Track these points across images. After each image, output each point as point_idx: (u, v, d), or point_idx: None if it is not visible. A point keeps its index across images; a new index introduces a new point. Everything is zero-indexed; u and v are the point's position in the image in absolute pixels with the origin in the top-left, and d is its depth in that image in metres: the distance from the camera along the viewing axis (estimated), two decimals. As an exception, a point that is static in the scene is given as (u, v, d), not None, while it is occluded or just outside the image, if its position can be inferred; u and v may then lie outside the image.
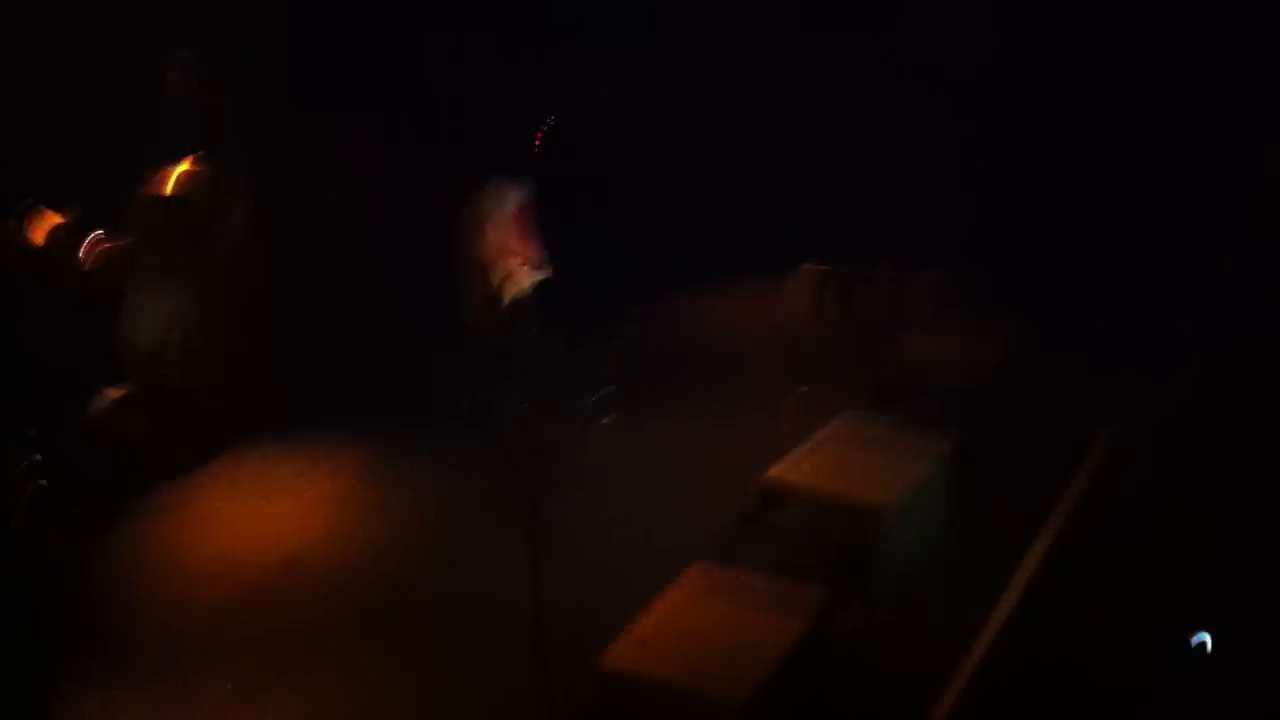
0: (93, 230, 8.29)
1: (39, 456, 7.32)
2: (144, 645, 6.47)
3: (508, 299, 8.33)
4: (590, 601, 6.16)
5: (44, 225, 7.99)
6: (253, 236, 9.23)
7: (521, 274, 8.38)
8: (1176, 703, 5.72)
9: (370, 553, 7.27)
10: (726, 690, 5.27)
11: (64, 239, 8.08)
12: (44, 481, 7.32)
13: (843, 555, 6.61)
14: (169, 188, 8.69)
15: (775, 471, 7.09)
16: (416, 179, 10.01)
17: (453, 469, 8.12)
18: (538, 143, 11.00)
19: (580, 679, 5.45)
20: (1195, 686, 5.84)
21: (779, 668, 5.41)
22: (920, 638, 6.24)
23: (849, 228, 10.51)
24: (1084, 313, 8.94)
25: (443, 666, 6.27)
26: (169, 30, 8.82)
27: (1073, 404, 8.16)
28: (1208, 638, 5.96)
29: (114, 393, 8.09)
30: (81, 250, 8.44)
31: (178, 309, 8.62)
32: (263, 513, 7.68)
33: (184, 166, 8.74)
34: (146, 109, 8.80)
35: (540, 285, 8.42)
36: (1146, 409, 7.84)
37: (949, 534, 7.09)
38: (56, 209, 8.10)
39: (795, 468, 7.10)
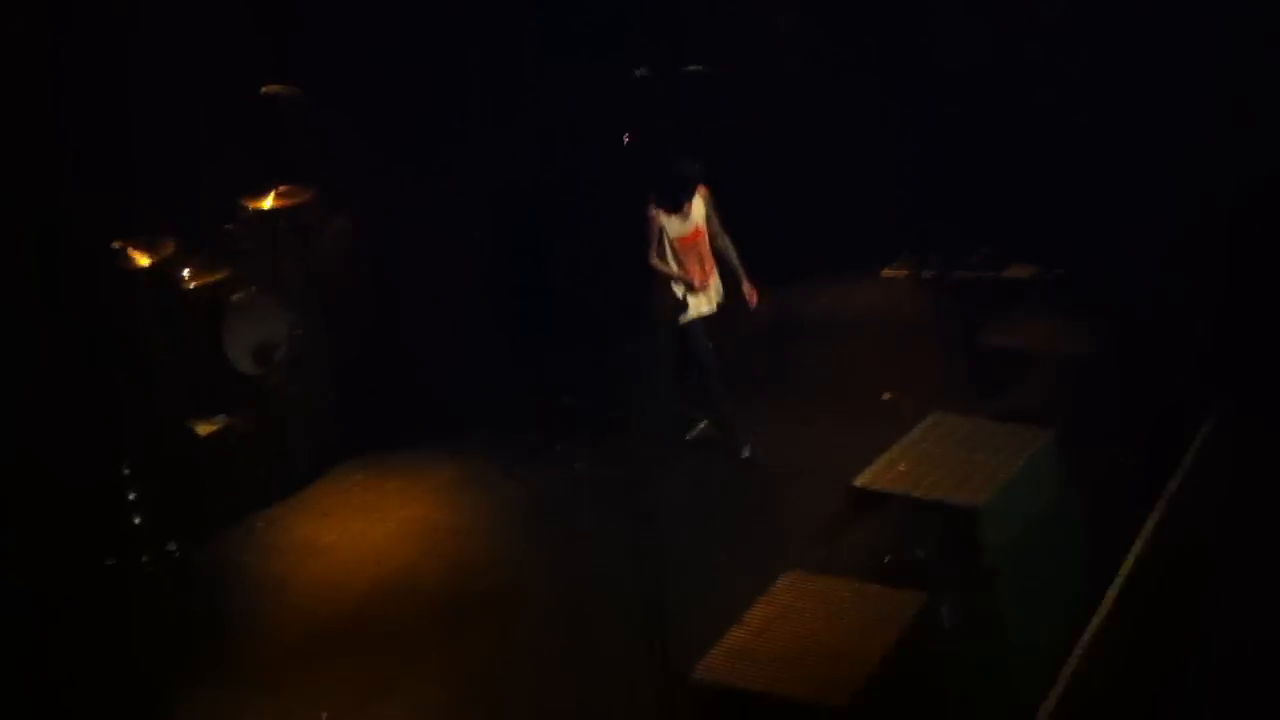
0: (194, 255, 8.49)
1: (132, 495, 7.46)
2: (247, 666, 6.60)
3: (689, 316, 8.00)
4: (695, 598, 6.20)
5: (150, 251, 8.18)
6: (353, 253, 9.40)
7: (709, 293, 8.06)
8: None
9: (471, 564, 7.33)
10: (822, 699, 5.18)
11: (171, 262, 8.28)
12: (138, 520, 7.46)
13: (938, 558, 6.50)
14: (270, 203, 8.85)
15: (866, 476, 6.97)
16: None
17: (553, 472, 8.14)
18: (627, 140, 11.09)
19: (675, 689, 5.41)
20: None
21: (874, 675, 5.30)
22: (1026, 635, 6.09)
23: (939, 224, 10.41)
24: (1175, 304, 8.71)
25: (540, 673, 6.30)
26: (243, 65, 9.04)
27: (1172, 393, 7.92)
28: None
29: (204, 428, 8.22)
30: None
31: (284, 320, 8.75)
32: (362, 538, 7.72)
33: (283, 188, 8.91)
34: (229, 141, 9.02)
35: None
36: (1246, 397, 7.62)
37: (1052, 530, 6.92)
38: (158, 236, 8.31)
39: (886, 471, 6.96)
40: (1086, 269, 9.81)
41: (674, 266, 7.92)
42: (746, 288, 8.11)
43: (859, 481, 6.94)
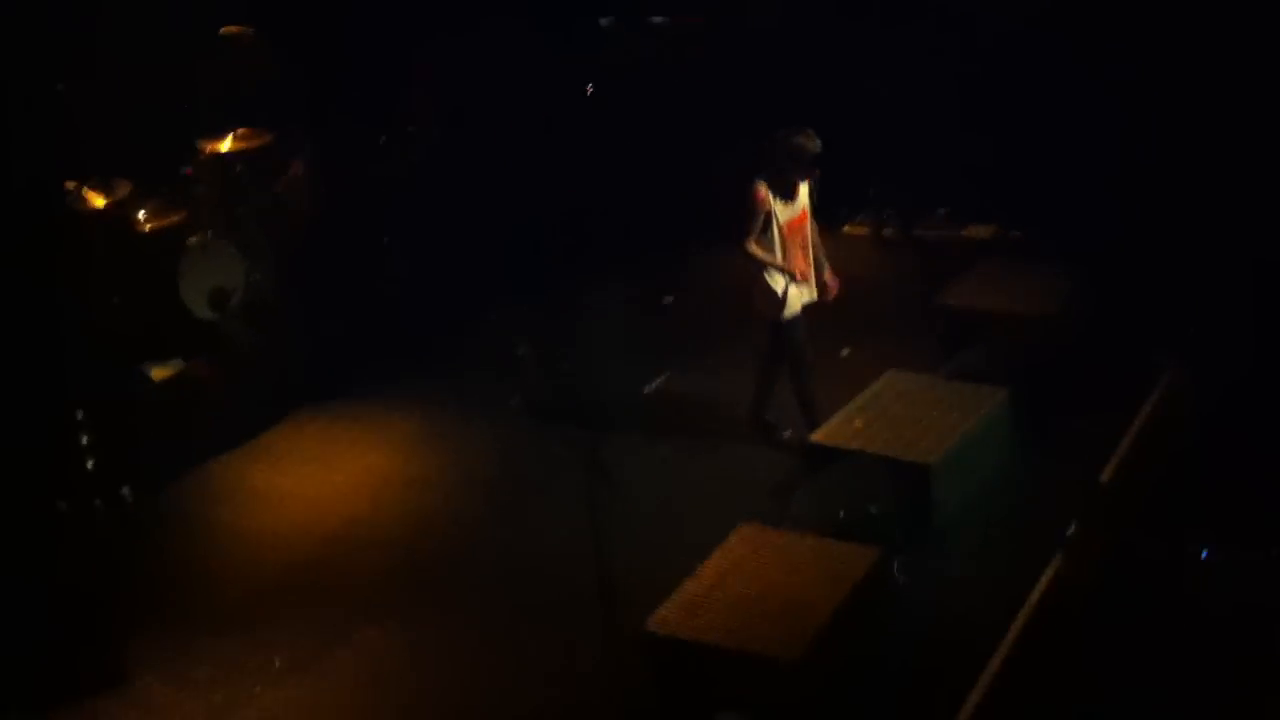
0: (150, 197, 8.40)
1: (85, 439, 7.38)
2: (198, 612, 6.57)
3: (791, 311, 7.24)
4: (651, 552, 6.23)
5: (105, 191, 8.07)
6: (312, 197, 9.34)
7: (810, 284, 7.31)
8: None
9: (426, 516, 7.29)
10: (775, 651, 5.23)
11: (126, 204, 8.18)
12: (90, 464, 7.39)
13: (892, 514, 6.56)
14: (228, 146, 8.75)
15: (822, 432, 7.02)
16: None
17: (510, 426, 8.12)
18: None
19: (630, 641, 5.44)
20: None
21: (827, 628, 5.36)
22: (979, 589, 6.18)
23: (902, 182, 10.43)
24: (1140, 265, 8.78)
25: (496, 625, 6.30)
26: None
27: (1130, 353, 8.00)
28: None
29: (158, 373, 8.15)
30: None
31: (241, 265, 8.68)
32: (316, 487, 7.69)
33: (241, 130, 8.81)
34: (186, 83, 8.91)
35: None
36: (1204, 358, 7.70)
37: (1005, 487, 6.99)
38: (113, 177, 8.21)
39: (842, 428, 7.02)
40: (1045, 229, 9.89)
41: (778, 254, 7.14)
42: (829, 275, 7.40)
43: (815, 437, 7.01)
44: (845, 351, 7.58)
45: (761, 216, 7.07)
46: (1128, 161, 9.71)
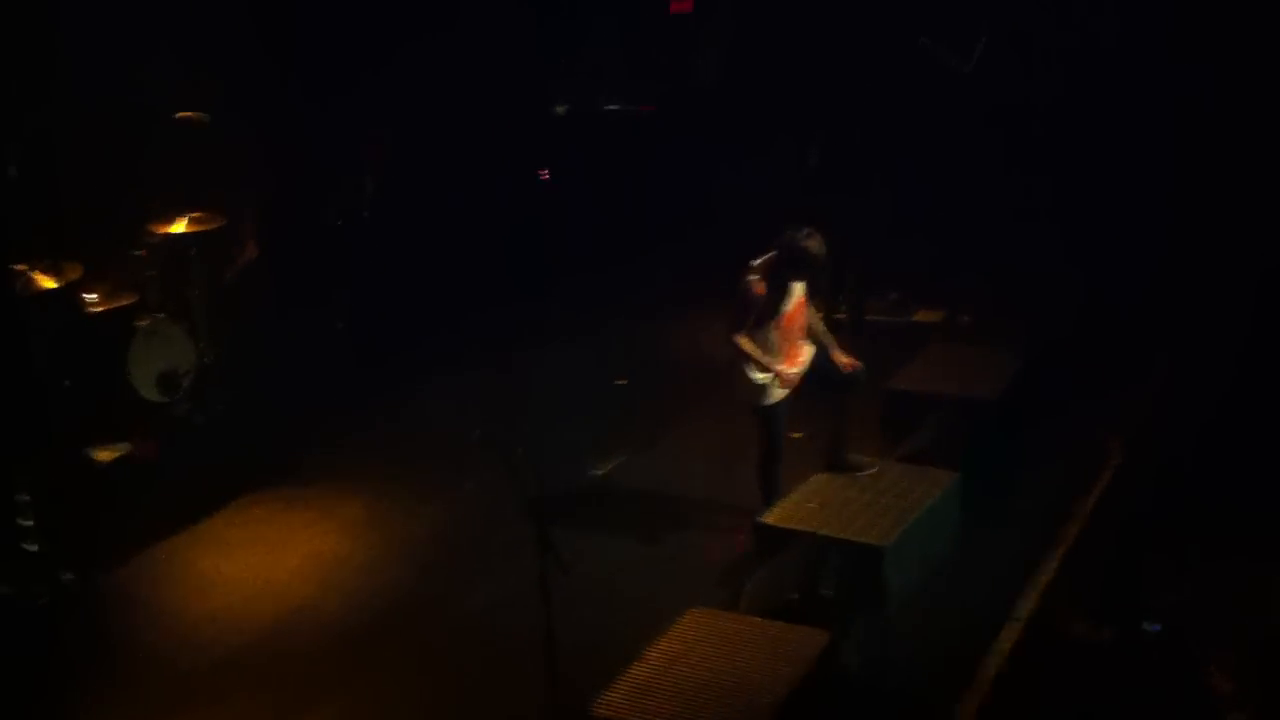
0: (101, 279, 8.38)
1: (30, 522, 7.29)
2: (142, 698, 6.43)
3: (773, 399, 7.14)
4: (600, 634, 6.24)
5: (55, 274, 8.05)
6: (262, 281, 9.37)
7: (786, 381, 7.14)
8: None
9: (375, 599, 7.21)
10: (722, 738, 5.19)
11: (76, 286, 8.16)
12: (35, 547, 7.29)
13: (844, 597, 6.55)
14: (181, 228, 8.75)
15: (774, 514, 7.02)
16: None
17: (459, 508, 8.07)
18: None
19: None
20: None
21: (776, 713, 5.32)
22: (929, 669, 6.18)
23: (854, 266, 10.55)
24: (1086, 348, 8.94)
25: (442, 709, 6.23)
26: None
27: (1082, 428, 8.11)
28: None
29: (104, 455, 8.07)
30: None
31: (190, 352, 8.64)
32: (263, 572, 7.59)
33: (194, 213, 8.82)
34: (139, 165, 8.94)
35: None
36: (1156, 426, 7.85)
37: (955, 567, 7.01)
38: (64, 259, 8.18)
39: (794, 510, 7.03)
40: (994, 313, 10.04)
41: (772, 349, 7.02)
42: (840, 358, 7.25)
43: (767, 519, 7.01)
44: (797, 435, 7.62)
45: (755, 312, 6.97)
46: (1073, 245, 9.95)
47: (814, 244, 6.92)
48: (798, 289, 7.10)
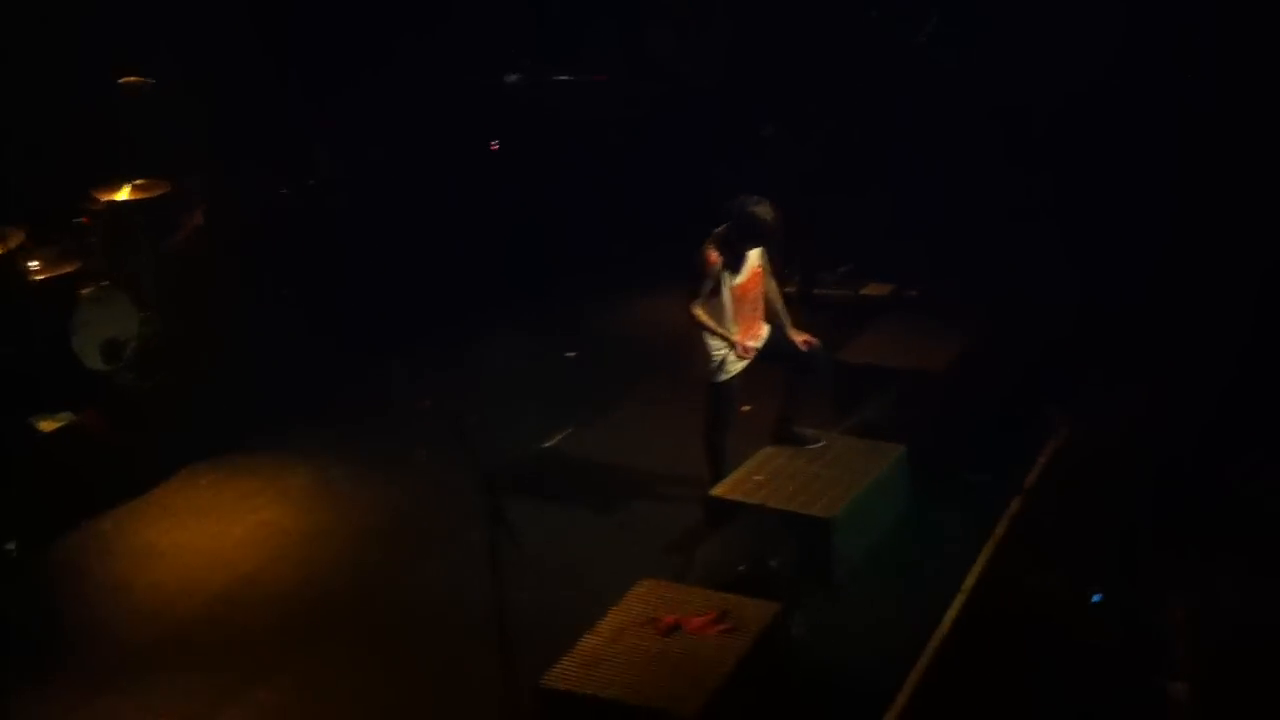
0: (43, 246, 8.27)
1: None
2: (85, 670, 6.39)
3: (727, 375, 7.10)
4: (550, 606, 6.24)
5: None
6: (208, 247, 9.27)
7: (744, 352, 7.04)
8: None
9: (324, 571, 7.18)
10: (672, 708, 5.22)
11: (18, 253, 8.04)
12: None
13: (792, 568, 6.59)
14: (125, 195, 8.65)
15: (723, 487, 7.06)
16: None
17: (409, 478, 8.03)
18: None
19: (528, 694, 5.40)
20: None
21: (724, 685, 5.36)
22: (878, 641, 6.22)
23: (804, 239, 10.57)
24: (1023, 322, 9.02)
25: (392, 680, 6.21)
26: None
27: (1028, 404, 8.18)
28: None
29: (47, 425, 7.97)
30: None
31: (135, 316, 8.53)
32: (210, 542, 7.54)
33: (139, 180, 8.72)
34: (84, 132, 8.82)
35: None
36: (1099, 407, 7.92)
37: (904, 539, 7.08)
38: (5, 225, 8.07)
39: (743, 482, 7.07)
40: (941, 287, 10.09)
41: (727, 319, 6.96)
42: (797, 336, 7.23)
43: (716, 491, 7.04)
44: (746, 408, 7.65)
45: (711, 280, 6.90)
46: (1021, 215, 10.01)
47: (763, 210, 6.89)
48: (753, 258, 7.07)
